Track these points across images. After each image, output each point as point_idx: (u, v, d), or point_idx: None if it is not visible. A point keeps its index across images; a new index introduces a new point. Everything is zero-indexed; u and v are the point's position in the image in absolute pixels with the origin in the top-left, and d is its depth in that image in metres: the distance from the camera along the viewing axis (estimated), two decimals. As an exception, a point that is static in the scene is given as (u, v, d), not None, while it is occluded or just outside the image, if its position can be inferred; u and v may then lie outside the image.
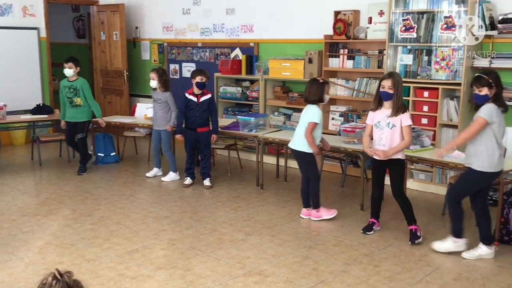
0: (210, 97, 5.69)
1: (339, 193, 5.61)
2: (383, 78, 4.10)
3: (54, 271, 1.56)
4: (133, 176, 6.30)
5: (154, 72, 6.06)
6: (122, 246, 4.10)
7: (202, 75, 5.60)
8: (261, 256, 3.93)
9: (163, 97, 6.01)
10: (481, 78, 3.67)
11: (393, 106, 4.06)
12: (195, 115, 5.63)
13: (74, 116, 6.23)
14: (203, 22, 7.83)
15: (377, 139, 4.20)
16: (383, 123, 4.13)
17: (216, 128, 5.76)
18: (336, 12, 6.24)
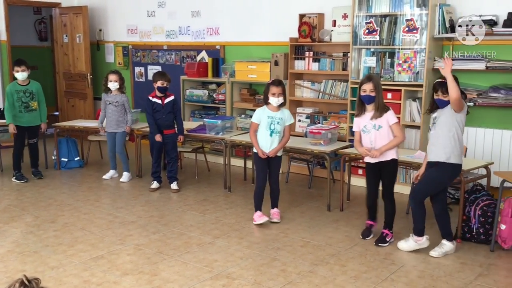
0: (173, 98, 5.67)
1: (306, 195, 5.65)
2: (362, 83, 4.13)
3: (22, 277, 1.53)
4: (98, 181, 6.19)
5: (115, 74, 6.01)
6: (87, 253, 4.02)
7: (162, 79, 5.55)
8: (229, 259, 3.92)
9: (121, 100, 5.99)
10: (446, 84, 3.69)
11: (376, 108, 4.11)
12: (161, 117, 5.59)
13: (30, 120, 6.05)
14: (168, 24, 7.77)
15: (367, 143, 4.21)
16: (369, 126, 4.17)
17: (181, 129, 5.73)
18: (301, 15, 6.29)
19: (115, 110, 6.00)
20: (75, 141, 6.91)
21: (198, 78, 7.13)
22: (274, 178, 4.78)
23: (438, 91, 3.82)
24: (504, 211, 4.03)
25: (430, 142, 3.98)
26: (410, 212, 4.95)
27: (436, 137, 3.89)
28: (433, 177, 3.95)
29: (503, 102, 5.03)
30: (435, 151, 3.92)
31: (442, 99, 3.81)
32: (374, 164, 4.23)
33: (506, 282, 3.55)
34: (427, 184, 3.98)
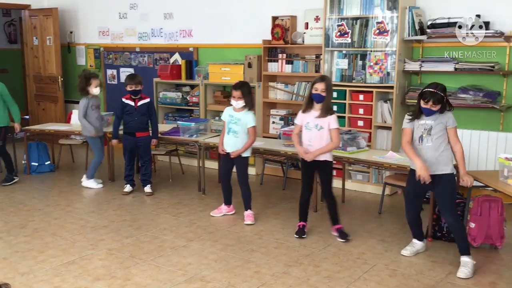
0: (148, 101, 5.61)
1: (281, 196, 5.67)
2: (315, 81, 4.19)
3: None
4: (69, 185, 6.09)
5: (97, 79, 5.86)
6: (58, 258, 3.95)
7: (131, 83, 5.47)
8: (203, 261, 3.90)
9: (99, 101, 5.94)
10: (437, 95, 3.60)
11: (322, 108, 4.18)
12: (133, 119, 5.53)
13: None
14: (140, 26, 7.71)
15: (306, 140, 4.29)
16: (312, 124, 4.24)
17: (156, 132, 5.69)
18: (274, 17, 6.32)
19: (99, 112, 5.94)
20: (46, 145, 6.77)
21: (171, 81, 7.09)
22: (240, 179, 4.84)
23: (429, 101, 3.62)
24: (473, 210, 4.11)
25: (430, 155, 3.72)
26: (383, 212, 5.02)
27: (436, 150, 3.72)
28: (452, 189, 3.82)
29: (472, 103, 5.13)
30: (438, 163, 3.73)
31: (431, 109, 3.65)
32: (309, 164, 4.30)
33: (476, 279, 3.62)
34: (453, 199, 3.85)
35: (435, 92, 3.62)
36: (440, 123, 3.70)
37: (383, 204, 5.09)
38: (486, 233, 4.08)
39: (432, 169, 3.71)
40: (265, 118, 6.53)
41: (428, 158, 3.72)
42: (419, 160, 3.69)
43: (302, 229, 4.45)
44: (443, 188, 3.76)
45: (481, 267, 3.81)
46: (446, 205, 3.78)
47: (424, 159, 3.71)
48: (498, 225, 4.09)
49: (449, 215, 3.77)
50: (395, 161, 4.60)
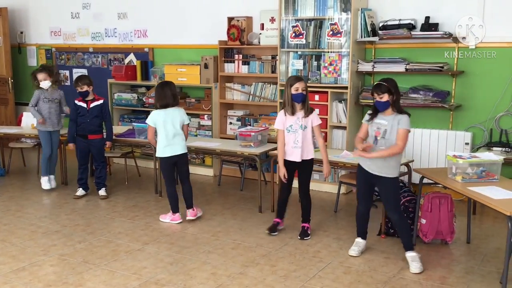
0: (102, 102, 5.47)
1: (239, 197, 5.66)
2: (293, 82, 4.18)
3: None
4: (20, 190, 5.89)
5: (43, 72, 5.65)
6: (7, 265, 3.82)
7: (78, 84, 5.36)
8: (159, 265, 3.85)
9: (58, 96, 5.74)
10: (381, 85, 3.69)
11: (306, 108, 4.23)
12: (85, 121, 5.41)
13: None
14: (94, 26, 7.55)
15: (291, 142, 4.27)
16: (296, 126, 4.25)
17: (110, 135, 5.57)
18: (230, 18, 6.31)
19: (55, 107, 5.70)
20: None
21: (126, 82, 6.97)
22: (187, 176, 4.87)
23: (373, 93, 3.75)
24: (424, 206, 4.23)
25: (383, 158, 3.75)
26: (339, 211, 5.10)
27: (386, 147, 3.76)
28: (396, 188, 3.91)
29: (422, 102, 5.28)
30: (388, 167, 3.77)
31: (379, 101, 3.72)
32: (293, 164, 4.32)
33: (427, 274, 3.72)
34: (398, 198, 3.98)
35: (378, 83, 3.74)
36: (394, 125, 3.72)
37: (338, 202, 5.16)
38: (437, 229, 4.20)
39: (378, 170, 3.79)
40: (222, 119, 6.51)
41: (379, 160, 3.77)
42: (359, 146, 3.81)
43: (275, 226, 4.47)
44: (386, 188, 3.86)
45: (431, 262, 3.92)
46: (390, 203, 3.88)
47: (375, 160, 3.78)
48: (448, 220, 4.21)
49: (393, 212, 3.87)
50: (349, 160, 4.67)
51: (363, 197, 4.03)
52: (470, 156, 3.84)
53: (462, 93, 5.32)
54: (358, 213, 4.08)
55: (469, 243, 4.30)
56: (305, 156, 4.28)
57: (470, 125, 5.32)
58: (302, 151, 4.27)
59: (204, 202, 5.42)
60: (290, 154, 4.31)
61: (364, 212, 4.06)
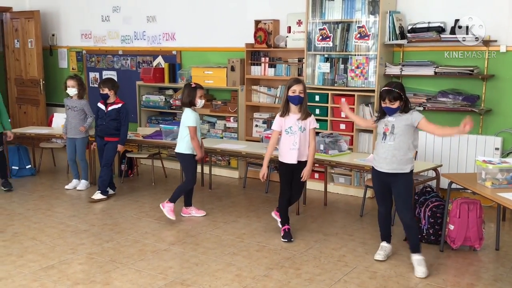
0: (120, 106, 5.50)
1: (263, 199, 5.67)
2: (291, 84, 4.22)
3: None
4: (50, 189, 6.03)
5: (73, 80, 5.86)
6: (37, 263, 3.91)
7: (101, 86, 5.48)
8: (184, 265, 3.89)
9: (80, 105, 5.86)
10: (393, 92, 3.67)
11: (303, 110, 4.25)
12: (102, 123, 5.53)
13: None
14: (123, 29, 7.68)
15: (290, 144, 4.29)
16: (295, 127, 4.26)
17: (123, 139, 5.58)
18: (257, 21, 6.34)
19: (74, 115, 5.85)
20: (27, 149, 6.70)
21: (154, 84, 7.07)
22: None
23: (385, 99, 3.70)
24: (452, 212, 4.16)
25: (391, 153, 3.74)
26: (365, 215, 5.06)
27: (397, 149, 3.73)
28: (409, 188, 3.87)
29: (451, 106, 5.20)
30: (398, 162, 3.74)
31: (390, 107, 3.69)
32: (289, 165, 4.32)
33: (455, 281, 3.66)
34: (409, 197, 3.91)
35: (390, 89, 3.70)
36: (404, 122, 3.71)
37: (364, 206, 5.12)
38: (465, 235, 4.13)
39: (392, 167, 3.76)
40: (248, 122, 6.54)
41: (387, 156, 3.75)
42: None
43: (289, 233, 4.43)
44: (399, 185, 3.80)
45: (459, 269, 3.85)
46: (402, 201, 3.82)
47: (384, 157, 3.77)
48: (477, 227, 4.14)
49: (406, 212, 3.81)
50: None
51: (381, 198, 3.97)
52: (500, 162, 3.77)
53: (492, 97, 5.22)
54: (379, 215, 4.04)
55: (498, 250, 4.21)
56: (302, 158, 4.31)
57: (501, 130, 5.22)
58: (299, 153, 4.29)
59: (229, 204, 5.45)
60: (286, 156, 4.33)
61: (385, 214, 4.00)
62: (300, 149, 4.29)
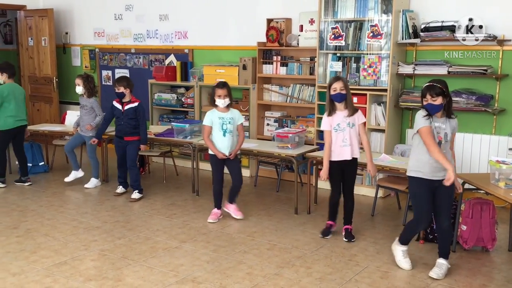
0: (136, 105, 5.50)
1: (274, 198, 5.67)
2: (331, 83, 4.22)
3: None
4: (63, 186, 6.08)
5: (79, 78, 5.95)
6: (50, 259, 3.95)
7: (116, 84, 5.49)
8: (195, 263, 3.90)
9: (89, 103, 5.91)
10: (435, 87, 3.49)
11: (349, 106, 4.25)
12: (120, 123, 5.53)
13: None
14: (136, 27, 7.71)
15: (339, 141, 4.27)
16: (343, 124, 4.25)
17: (144, 138, 5.58)
18: (269, 20, 6.34)
19: (84, 113, 5.93)
20: (40, 146, 6.77)
21: (166, 82, 7.09)
22: (237, 177, 4.89)
23: (426, 95, 3.52)
24: (465, 212, 4.13)
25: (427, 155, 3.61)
26: (376, 215, 5.04)
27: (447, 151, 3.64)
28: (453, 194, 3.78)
29: (464, 106, 5.16)
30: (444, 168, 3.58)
31: (432, 104, 3.51)
32: (339, 164, 4.30)
33: (467, 281, 3.64)
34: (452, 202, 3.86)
35: (432, 85, 3.54)
36: (450, 129, 3.63)
37: (375, 206, 5.10)
38: (478, 236, 4.10)
39: (441, 174, 3.60)
40: (259, 120, 6.54)
41: (440, 165, 3.58)
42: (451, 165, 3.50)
43: (329, 229, 4.46)
44: (446, 192, 3.66)
45: (471, 269, 3.83)
46: (448, 208, 3.74)
47: (436, 165, 3.59)
48: (490, 227, 4.11)
49: (447, 218, 3.74)
50: (388, 163, 4.62)
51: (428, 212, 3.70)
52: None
53: (506, 97, 5.17)
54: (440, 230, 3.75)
55: (511, 251, 4.17)
56: (355, 154, 4.30)
57: (515, 130, 5.17)
58: (352, 149, 4.27)
59: (241, 202, 5.44)
60: (338, 153, 4.29)
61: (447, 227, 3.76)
62: (352, 145, 4.27)
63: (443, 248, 3.77)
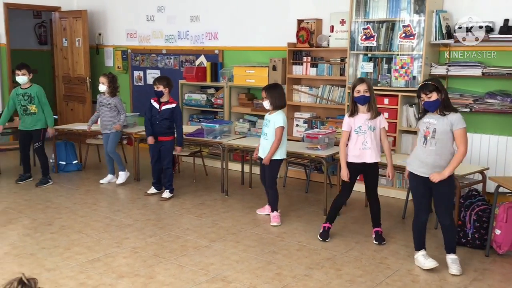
0: (174, 106, 5.52)
1: (303, 199, 5.67)
2: (355, 84, 4.19)
3: (20, 276, 1.54)
4: (95, 184, 6.20)
5: (104, 77, 6.06)
6: (83, 255, 4.04)
7: (156, 82, 5.53)
8: (225, 262, 3.93)
9: (112, 102, 6.04)
10: (427, 85, 3.61)
11: (372, 109, 4.21)
12: (155, 122, 5.56)
13: (29, 124, 5.99)
14: (167, 29, 7.81)
15: (359, 144, 4.23)
16: (365, 127, 4.22)
17: (180, 140, 5.59)
18: (299, 20, 6.34)
19: (107, 112, 6.04)
20: (74, 145, 6.93)
21: (196, 83, 7.16)
22: (268, 182, 4.90)
23: (420, 95, 3.64)
24: (499, 216, 4.05)
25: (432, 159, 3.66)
26: (407, 218, 4.98)
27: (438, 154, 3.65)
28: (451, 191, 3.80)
29: (499, 108, 5.06)
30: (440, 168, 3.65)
31: (428, 101, 3.60)
32: (356, 166, 4.28)
33: (501, 286, 3.57)
34: (451, 200, 3.85)
35: (424, 83, 3.65)
36: (446, 126, 3.60)
37: (407, 209, 5.04)
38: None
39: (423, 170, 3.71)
40: (289, 121, 6.51)
41: (429, 162, 3.67)
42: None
43: (328, 232, 4.44)
44: (442, 189, 3.69)
45: (506, 274, 3.75)
46: (444, 206, 3.74)
47: (425, 162, 3.68)
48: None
49: (447, 217, 3.74)
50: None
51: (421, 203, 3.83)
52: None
53: (543, 99, 5.04)
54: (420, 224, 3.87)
55: (548, 257, 4.08)
56: (375, 157, 4.26)
57: (552, 133, 5.04)
58: (371, 152, 4.23)
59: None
60: (358, 156, 4.26)
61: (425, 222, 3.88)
62: (372, 148, 4.24)
63: (449, 243, 3.79)
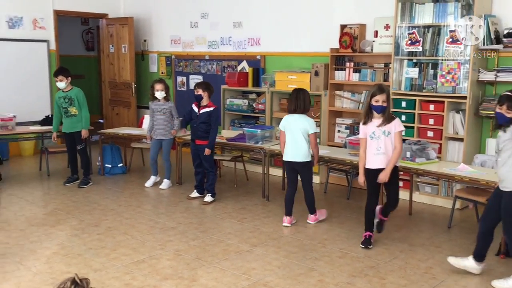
0: (211, 110, 5.58)
1: (345, 205, 5.62)
2: (375, 93, 4.17)
3: (73, 276, 1.60)
4: (140, 187, 6.34)
5: (161, 83, 6.16)
6: (129, 256, 4.13)
7: (196, 87, 5.64)
8: (267, 267, 3.94)
9: (168, 107, 6.13)
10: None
11: (385, 117, 4.20)
12: (193, 125, 5.66)
13: (70, 126, 6.18)
14: (210, 35, 7.92)
15: (373, 149, 4.25)
16: (379, 132, 4.22)
17: (211, 142, 5.62)
18: (342, 25, 6.30)
19: (163, 117, 6.15)
20: (119, 148, 7.10)
21: (238, 88, 7.22)
22: (304, 186, 4.94)
23: (503, 104, 3.45)
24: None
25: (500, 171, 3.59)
26: (453, 227, 4.85)
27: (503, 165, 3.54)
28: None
29: (552, 115, 4.86)
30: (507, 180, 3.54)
31: (505, 115, 3.45)
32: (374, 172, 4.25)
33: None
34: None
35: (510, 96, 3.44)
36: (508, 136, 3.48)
37: (453, 218, 4.92)
38: None
39: (501, 185, 3.59)
40: (330, 127, 6.50)
41: (499, 174, 3.58)
42: None
43: (369, 240, 4.39)
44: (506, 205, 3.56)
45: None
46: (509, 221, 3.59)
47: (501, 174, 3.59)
48: None
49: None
50: (467, 174, 4.44)
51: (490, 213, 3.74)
52: None
53: None
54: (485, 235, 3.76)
55: None
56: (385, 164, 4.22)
57: None
58: (386, 157, 4.20)
59: (311, 208, 5.44)
60: (372, 161, 4.26)
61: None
62: (387, 154, 4.21)
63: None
